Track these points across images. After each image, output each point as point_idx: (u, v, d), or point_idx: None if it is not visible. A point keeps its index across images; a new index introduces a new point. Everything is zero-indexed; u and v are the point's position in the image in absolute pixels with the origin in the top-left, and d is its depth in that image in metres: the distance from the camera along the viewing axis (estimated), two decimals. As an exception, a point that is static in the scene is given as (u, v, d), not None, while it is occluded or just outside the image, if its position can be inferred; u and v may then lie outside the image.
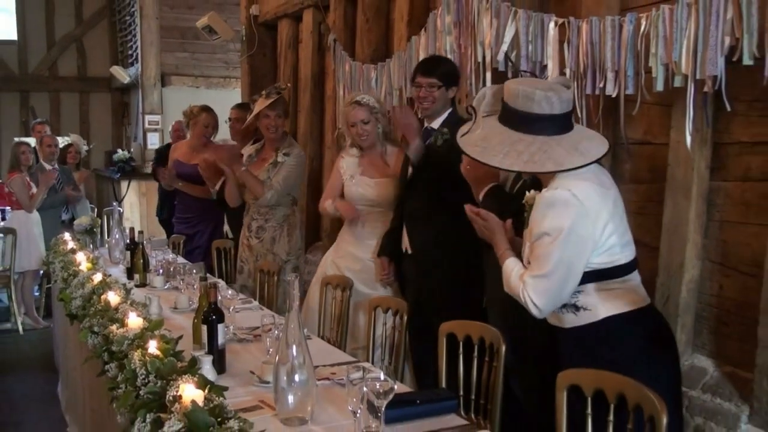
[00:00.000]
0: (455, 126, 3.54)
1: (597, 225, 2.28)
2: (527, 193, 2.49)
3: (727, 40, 2.76)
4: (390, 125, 4.01)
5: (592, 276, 2.32)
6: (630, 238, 2.41)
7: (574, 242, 2.25)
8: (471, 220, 2.60)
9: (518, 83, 2.45)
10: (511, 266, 2.41)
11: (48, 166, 7.14)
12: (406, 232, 3.73)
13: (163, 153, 6.77)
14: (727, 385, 2.99)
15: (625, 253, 2.36)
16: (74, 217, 7.27)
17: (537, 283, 2.29)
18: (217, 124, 5.55)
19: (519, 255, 2.45)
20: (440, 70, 3.66)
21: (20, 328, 6.85)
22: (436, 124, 3.63)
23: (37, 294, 7.42)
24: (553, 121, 2.35)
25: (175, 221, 5.82)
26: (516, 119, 2.37)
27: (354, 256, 3.95)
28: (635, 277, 2.43)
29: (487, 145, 2.38)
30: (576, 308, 2.35)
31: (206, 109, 5.49)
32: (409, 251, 3.70)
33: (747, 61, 2.72)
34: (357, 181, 3.96)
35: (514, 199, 2.91)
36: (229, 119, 5.50)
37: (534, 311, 2.31)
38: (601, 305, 2.33)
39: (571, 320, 2.38)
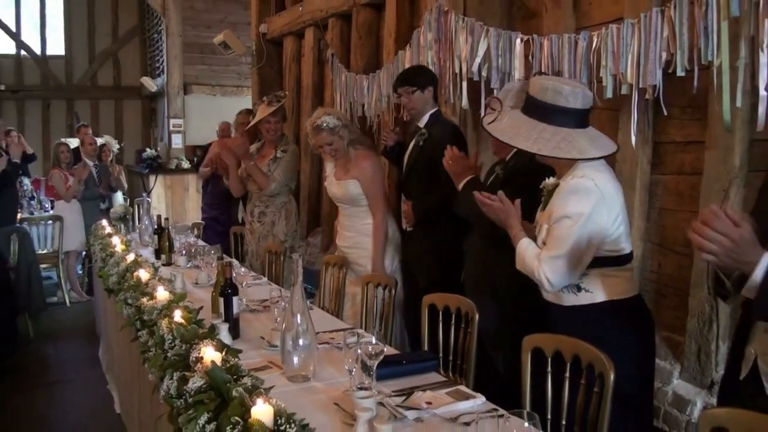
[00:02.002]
0: (438, 123, 3.57)
1: (611, 215, 2.17)
2: (547, 180, 2.33)
3: (664, 55, 2.78)
4: (356, 132, 3.85)
5: (599, 262, 2.19)
6: (629, 231, 2.30)
7: (590, 228, 2.13)
8: (482, 204, 2.44)
9: (546, 79, 2.35)
10: (525, 246, 2.28)
11: (90, 162, 7.12)
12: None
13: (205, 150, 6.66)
14: (663, 347, 3.01)
15: (627, 244, 2.25)
16: (111, 206, 7.25)
17: (553, 262, 2.16)
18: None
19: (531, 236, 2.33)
20: (412, 76, 3.63)
21: (67, 301, 6.84)
22: (422, 122, 3.58)
23: (80, 272, 7.39)
24: (575, 115, 2.23)
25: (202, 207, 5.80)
26: (543, 111, 2.24)
27: (336, 245, 3.91)
28: (631, 267, 2.31)
29: (516, 132, 2.27)
30: (578, 289, 2.23)
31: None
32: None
33: (680, 72, 2.74)
34: (329, 180, 3.84)
35: (488, 189, 2.91)
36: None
37: (547, 287, 2.20)
38: (601, 290, 2.22)
39: (570, 299, 2.25)
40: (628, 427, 2.14)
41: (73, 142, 7.74)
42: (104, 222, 5.44)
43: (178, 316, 2.32)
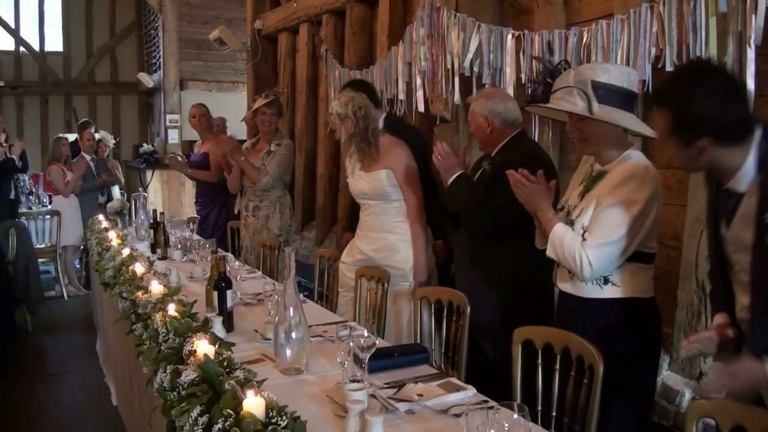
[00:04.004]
0: (393, 126, 3.54)
1: (658, 209, 2.08)
2: (592, 164, 2.21)
3: (653, 51, 2.77)
4: (371, 123, 3.31)
5: (633, 256, 2.08)
6: None
7: (641, 219, 2.03)
8: (516, 184, 2.25)
9: (610, 65, 2.25)
10: (561, 231, 2.14)
11: (88, 157, 7.09)
12: None
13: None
14: (653, 338, 3.00)
15: (656, 244, 2.17)
16: (110, 200, 7.22)
17: (599, 248, 2.04)
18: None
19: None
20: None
21: (65, 295, 6.81)
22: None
23: (77, 266, 7.36)
24: (635, 97, 2.19)
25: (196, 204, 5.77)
26: (633, 100, 2.17)
27: (358, 249, 3.34)
28: (653, 267, 2.21)
29: (640, 123, 2.20)
30: (605, 282, 2.11)
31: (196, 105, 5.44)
32: None
33: (669, 67, 2.74)
34: (356, 174, 3.34)
35: (477, 184, 2.90)
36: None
37: (587, 272, 2.07)
38: (627, 285, 2.11)
39: (593, 291, 2.13)
40: (628, 421, 2.12)
41: (71, 137, 7.69)
42: (101, 216, 5.42)
43: (172, 309, 2.30)
